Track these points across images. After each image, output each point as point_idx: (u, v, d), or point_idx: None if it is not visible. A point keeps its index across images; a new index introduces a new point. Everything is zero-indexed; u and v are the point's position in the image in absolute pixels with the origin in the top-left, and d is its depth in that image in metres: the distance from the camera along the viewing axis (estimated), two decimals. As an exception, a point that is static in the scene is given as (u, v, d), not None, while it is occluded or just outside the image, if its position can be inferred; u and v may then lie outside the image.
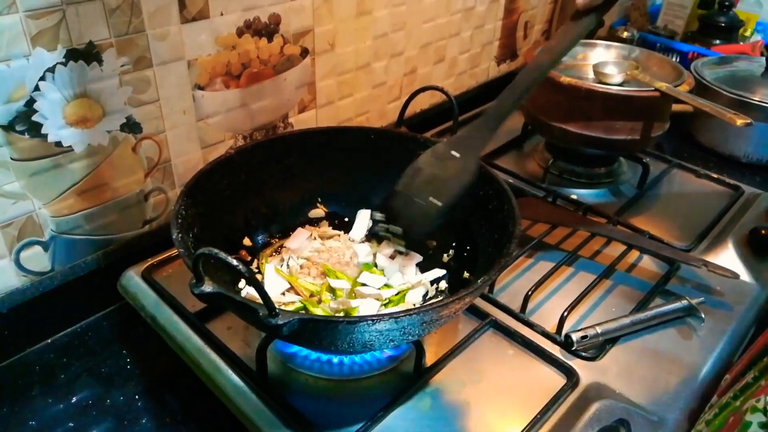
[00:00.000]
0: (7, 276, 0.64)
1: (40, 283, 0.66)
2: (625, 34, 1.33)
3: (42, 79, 0.58)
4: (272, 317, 0.42)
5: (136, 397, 0.62)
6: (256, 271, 0.66)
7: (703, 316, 0.66)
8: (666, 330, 0.65)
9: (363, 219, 0.72)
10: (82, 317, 0.71)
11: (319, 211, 0.73)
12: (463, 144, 0.59)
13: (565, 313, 0.63)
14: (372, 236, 0.72)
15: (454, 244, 0.68)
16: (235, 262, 0.39)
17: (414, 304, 0.61)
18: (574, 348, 0.61)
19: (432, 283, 0.65)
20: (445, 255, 0.68)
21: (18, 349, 0.66)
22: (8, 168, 0.59)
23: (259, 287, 0.41)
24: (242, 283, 0.63)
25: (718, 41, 1.36)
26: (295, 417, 0.53)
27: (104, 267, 0.71)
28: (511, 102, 0.58)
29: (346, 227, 0.73)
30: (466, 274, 0.64)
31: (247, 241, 0.68)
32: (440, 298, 0.64)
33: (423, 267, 0.69)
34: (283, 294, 0.63)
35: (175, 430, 0.59)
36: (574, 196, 0.88)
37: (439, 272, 0.65)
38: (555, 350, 0.62)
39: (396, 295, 0.62)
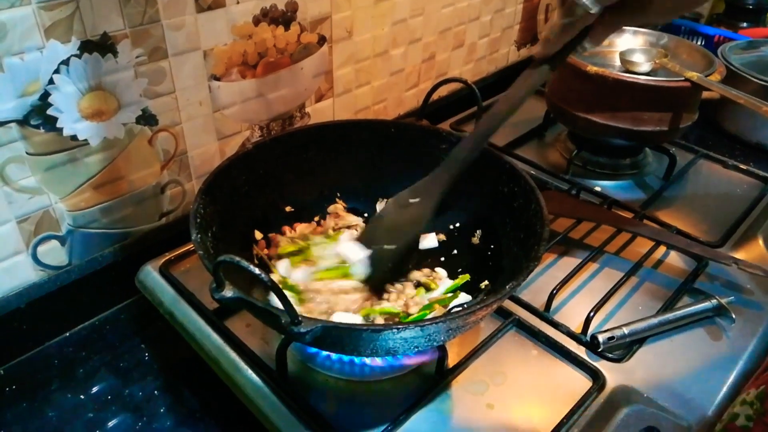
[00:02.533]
0: (24, 270, 0.63)
1: (57, 277, 0.66)
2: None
3: (56, 71, 0.57)
4: (295, 325, 0.41)
5: (156, 392, 0.62)
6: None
7: (733, 316, 0.64)
8: (695, 330, 0.64)
9: None
10: (100, 311, 0.71)
11: (338, 206, 0.72)
12: (423, 189, 0.61)
13: (592, 314, 0.62)
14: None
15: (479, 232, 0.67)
16: (257, 271, 0.38)
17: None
18: (600, 349, 0.60)
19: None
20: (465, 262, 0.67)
21: (36, 343, 0.66)
22: (24, 162, 0.58)
23: (281, 295, 0.40)
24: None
25: (745, 24, 1.32)
26: (315, 418, 0.52)
27: (121, 260, 0.70)
28: (470, 148, 0.58)
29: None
30: (484, 284, 0.63)
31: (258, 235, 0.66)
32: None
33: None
34: None
35: (194, 426, 0.59)
36: (598, 188, 0.86)
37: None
38: (580, 351, 0.60)
39: None
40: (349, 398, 0.56)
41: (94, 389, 0.62)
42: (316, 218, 0.70)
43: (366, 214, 0.72)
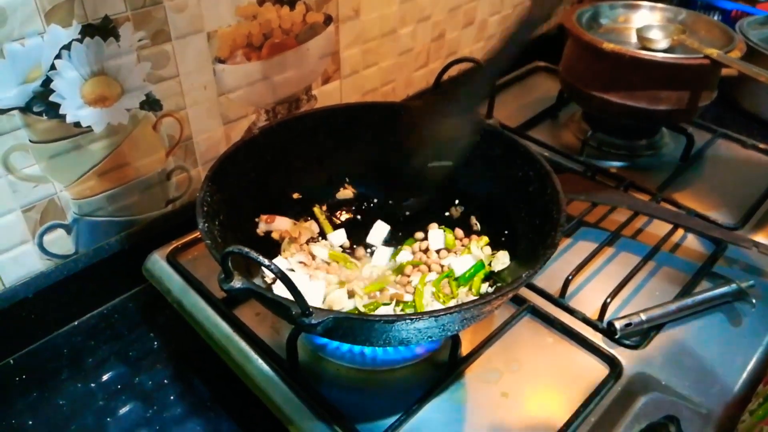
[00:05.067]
0: (31, 260, 0.63)
1: (64, 266, 0.65)
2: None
3: (58, 57, 0.55)
4: (306, 316, 0.40)
5: (165, 380, 0.61)
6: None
7: (753, 300, 0.62)
8: (714, 315, 0.62)
9: (381, 228, 0.68)
10: (108, 299, 0.70)
11: (347, 192, 0.70)
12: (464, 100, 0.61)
13: (608, 299, 0.60)
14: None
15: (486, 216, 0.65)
16: (266, 262, 0.37)
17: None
18: (617, 336, 0.58)
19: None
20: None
21: (45, 333, 0.66)
22: (27, 150, 0.57)
23: (292, 286, 0.39)
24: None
25: (763, -3, 1.27)
26: (327, 408, 0.52)
27: (128, 248, 0.69)
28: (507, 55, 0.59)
29: (375, 211, 0.70)
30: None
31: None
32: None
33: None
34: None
35: (205, 414, 0.58)
36: (613, 170, 0.84)
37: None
38: (597, 338, 0.59)
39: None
40: (361, 388, 0.55)
41: (104, 378, 0.61)
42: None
43: (375, 200, 0.71)
